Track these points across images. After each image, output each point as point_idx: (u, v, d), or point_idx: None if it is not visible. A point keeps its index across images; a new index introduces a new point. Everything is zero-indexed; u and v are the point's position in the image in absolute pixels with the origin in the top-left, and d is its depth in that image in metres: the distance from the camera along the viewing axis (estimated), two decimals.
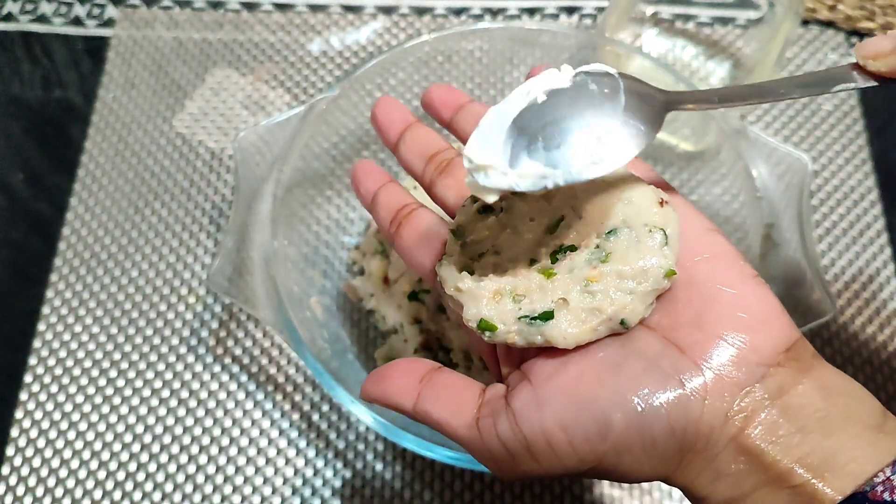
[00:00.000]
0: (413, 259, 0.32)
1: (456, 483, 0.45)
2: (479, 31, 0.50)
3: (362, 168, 0.36)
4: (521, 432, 0.26)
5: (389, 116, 0.36)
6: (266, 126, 0.44)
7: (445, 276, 0.28)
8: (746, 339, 0.25)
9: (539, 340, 0.26)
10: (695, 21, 0.60)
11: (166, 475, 0.45)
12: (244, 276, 0.41)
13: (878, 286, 0.51)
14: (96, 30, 0.60)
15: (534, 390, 0.26)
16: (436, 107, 0.36)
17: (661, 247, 0.26)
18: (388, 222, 0.33)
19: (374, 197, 0.34)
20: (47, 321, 0.49)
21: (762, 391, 0.25)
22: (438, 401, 0.28)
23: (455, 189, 0.32)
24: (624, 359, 0.26)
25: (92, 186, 0.53)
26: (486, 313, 0.27)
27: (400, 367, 0.30)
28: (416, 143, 0.35)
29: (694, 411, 0.24)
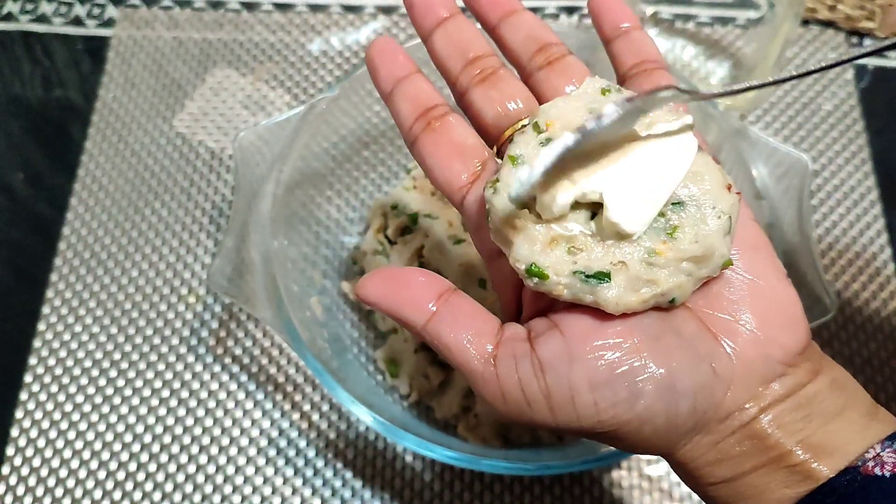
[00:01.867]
0: (439, 171, 0.28)
1: (456, 483, 0.45)
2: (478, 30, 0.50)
3: (382, 48, 0.30)
4: (546, 382, 0.25)
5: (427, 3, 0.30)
6: (266, 126, 0.44)
7: (498, 205, 0.25)
8: (775, 336, 0.26)
9: (588, 299, 0.25)
10: (695, 21, 0.60)
11: (166, 475, 0.45)
12: (244, 276, 0.41)
13: (878, 286, 0.51)
14: (96, 30, 0.60)
15: (566, 344, 0.25)
16: (482, 5, 0.31)
17: (724, 234, 0.25)
18: (412, 119, 0.29)
19: (396, 86, 0.30)
20: (47, 321, 0.49)
21: (780, 386, 0.25)
22: (455, 325, 0.26)
23: (497, 103, 0.29)
24: (662, 333, 0.25)
25: (92, 186, 0.53)
26: (539, 259, 0.25)
27: (415, 276, 0.27)
28: (458, 37, 0.30)
29: (717, 396, 0.25)
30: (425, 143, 0.29)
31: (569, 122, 0.26)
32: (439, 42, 0.30)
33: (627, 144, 0.26)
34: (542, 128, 0.27)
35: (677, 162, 0.26)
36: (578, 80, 0.29)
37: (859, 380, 0.27)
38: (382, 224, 0.49)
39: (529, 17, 0.30)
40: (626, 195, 0.25)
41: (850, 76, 0.58)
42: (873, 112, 0.57)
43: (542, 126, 0.27)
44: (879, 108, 0.57)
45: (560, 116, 0.27)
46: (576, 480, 0.45)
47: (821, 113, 0.57)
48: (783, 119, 0.57)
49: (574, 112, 0.27)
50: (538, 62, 0.30)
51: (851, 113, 0.57)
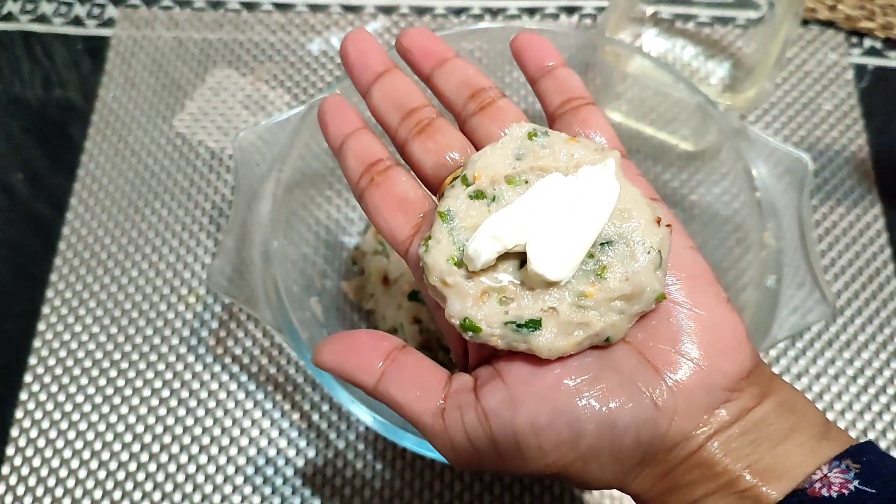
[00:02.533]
0: (384, 224, 0.29)
1: (455, 483, 0.45)
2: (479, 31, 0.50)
3: (332, 105, 0.31)
4: (491, 430, 0.26)
5: (364, 55, 0.31)
6: (266, 126, 0.44)
7: (431, 265, 0.26)
8: (716, 363, 0.26)
9: (522, 347, 0.26)
10: (695, 21, 0.60)
11: (166, 475, 0.45)
12: (244, 276, 0.41)
13: (878, 286, 0.51)
14: (96, 30, 0.60)
15: (508, 391, 0.26)
16: (415, 56, 0.31)
17: (655, 269, 0.26)
18: (357, 174, 0.30)
19: (345, 142, 0.30)
20: (47, 321, 0.49)
21: (725, 413, 0.25)
22: (403, 383, 0.27)
23: (435, 154, 0.29)
24: (601, 371, 0.26)
25: (92, 186, 0.53)
26: (472, 313, 0.26)
27: (363, 340, 0.28)
28: (394, 92, 0.30)
29: (661, 427, 0.25)
30: (371, 198, 0.29)
31: (496, 172, 0.27)
32: (377, 97, 0.31)
33: (551, 190, 0.26)
34: (469, 180, 0.27)
35: (601, 203, 0.26)
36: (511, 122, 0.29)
37: (858, 382, 0.27)
38: None
39: (461, 63, 0.31)
40: (548, 244, 0.26)
41: (850, 76, 0.58)
42: (873, 112, 0.57)
43: (469, 178, 0.27)
44: (879, 108, 0.57)
45: (487, 167, 0.27)
46: None
47: (821, 113, 0.57)
48: (783, 119, 0.57)
49: (501, 161, 0.28)
50: (471, 108, 0.30)
51: (851, 113, 0.57)
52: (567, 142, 0.28)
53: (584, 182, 0.26)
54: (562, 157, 0.27)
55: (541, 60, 0.31)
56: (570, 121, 0.30)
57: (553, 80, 0.31)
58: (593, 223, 0.26)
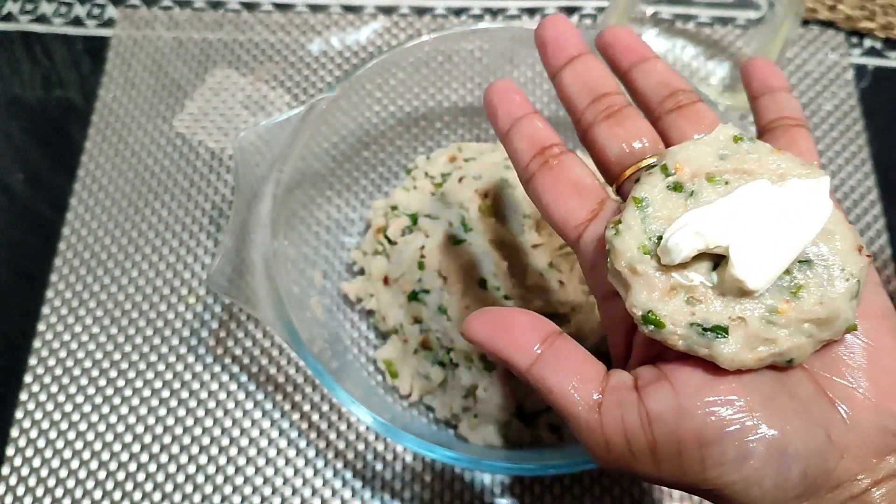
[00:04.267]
0: (556, 207, 0.28)
1: (456, 483, 0.45)
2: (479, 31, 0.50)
3: (500, 89, 0.31)
4: (653, 434, 0.24)
5: (561, 36, 0.31)
6: (266, 126, 0.44)
7: (621, 250, 0.25)
8: (893, 407, 0.25)
9: (703, 353, 0.25)
10: (695, 21, 0.60)
11: (166, 475, 0.45)
12: (244, 276, 0.41)
13: None
14: (96, 30, 0.60)
15: (677, 397, 0.25)
16: (615, 52, 0.31)
17: (851, 297, 0.25)
18: (528, 157, 0.29)
19: (514, 125, 0.30)
20: (47, 321, 0.49)
21: (894, 461, 0.24)
22: (560, 369, 0.26)
23: (622, 140, 0.28)
24: (777, 393, 0.25)
25: (92, 186, 0.53)
26: (657, 307, 0.25)
27: (521, 318, 0.27)
28: (587, 76, 0.30)
29: (830, 464, 0.24)
30: (542, 180, 0.29)
31: (698, 168, 0.26)
32: (567, 78, 0.30)
33: (757, 196, 0.25)
34: (670, 170, 0.26)
35: (808, 220, 0.25)
36: (708, 126, 0.29)
37: None
38: (382, 224, 0.49)
39: (662, 65, 0.31)
40: (751, 251, 0.24)
41: (850, 76, 0.58)
42: (873, 112, 0.57)
43: (670, 169, 0.26)
44: (879, 108, 0.57)
45: (689, 160, 0.26)
46: (576, 480, 0.45)
47: (821, 113, 0.57)
48: None
49: (704, 157, 0.26)
50: (668, 106, 0.30)
51: (851, 113, 0.57)
52: (773, 152, 0.27)
53: (793, 194, 0.25)
54: (769, 166, 0.26)
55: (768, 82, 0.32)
56: (779, 136, 0.30)
57: (772, 99, 0.31)
58: (799, 238, 0.25)
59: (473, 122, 0.55)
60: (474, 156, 0.50)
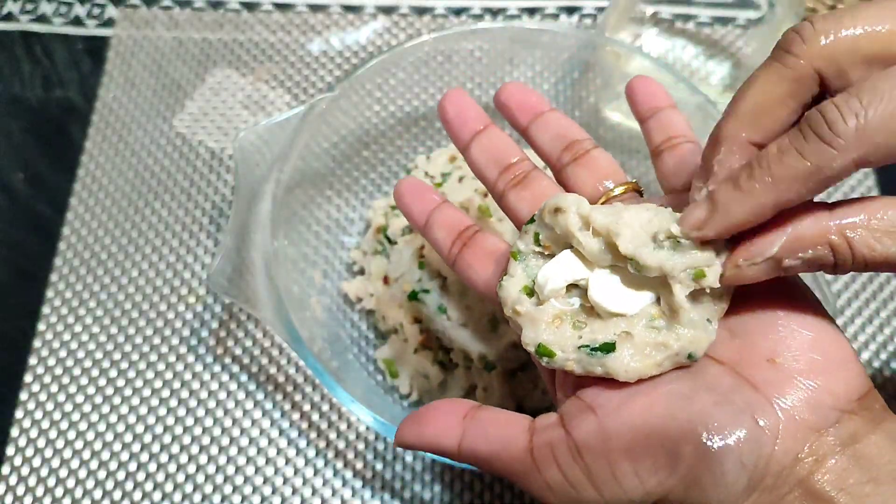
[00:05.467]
0: (477, 277, 0.31)
1: (456, 483, 0.45)
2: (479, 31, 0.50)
3: (409, 187, 0.34)
4: (585, 462, 0.25)
5: (462, 115, 0.34)
6: (266, 126, 0.44)
7: (505, 297, 0.28)
8: (822, 382, 0.25)
9: (599, 371, 0.26)
10: (695, 21, 0.60)
11: (166, 475, 0.45)
12: (244, 276, 0.41)
13: (878, 286, 0.51)
14: (96, 30, 0.60)
15: (598, 420, 0.25)
16: (512, 110, 0.34)
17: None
18: (449, 243, 0.32)
19: (430, 217, 0.33)
20: (47, 321, 0.49)
21: (834, 436, 0.24)
22: (486, 436, 0.27)
23: (529, 202, 0.31)
24: (694, 392, 0.25)
25: (92, 186, 0.53)
26: (545, 338, 0.27)
27: (438, 408, 0.29)
28: (492, 149, 0.33)
29: (766, 448, 0.24)
30: (464, 258, 0.31)
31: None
32: (476, 152, 0.33)
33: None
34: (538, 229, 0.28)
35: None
36: (604, 171, 0.31)
37: None
38: (382, 224, 0.49)
39: (557, 116, 0.33)
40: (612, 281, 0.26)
41: None
42: None
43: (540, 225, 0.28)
44: None
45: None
46: None
47: None
48: None
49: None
50: (565, 159, 0.32)
51: None
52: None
53: None
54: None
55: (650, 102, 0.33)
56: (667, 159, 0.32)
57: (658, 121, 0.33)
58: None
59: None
60: None
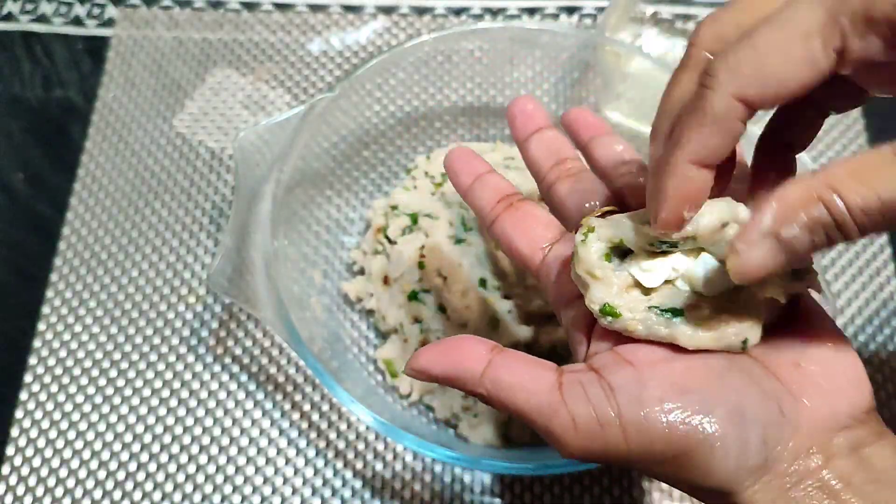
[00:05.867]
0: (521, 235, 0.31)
1: (456, 483, 0.45)
2: (479, 31, 0.50)
3: (461, 152, 0.34)
4: (617, 402, 0.25)
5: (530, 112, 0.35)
6: (266, 126, 0.44)
7: (584, 255, 0.27)
8: (841, 390, 0.26)
9: (663, 333, 0.26)
10: (695, 21, 0.60)
11: (166, 475, 0.45)
12: (244, 276, 0.41)
13: (878, 286, 0.51)
14: (96, 30, 0.60)
15: (636, 371, 0.26)
16: (577, 127, 0.36)
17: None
18: (492, 202, 0.32)
19: (477, 179, 0.33)
20: (47, 321, 0.49)
21: (844, 440, 0.25)
22: (512, 368, 0.27)
23: (580, 195, 0.32)
24: (728, 370, 0.26)
25: (92, 186, 0.53)
26: (613, 300, 0.27)
27: (464, 338, 0.28)
28: (551, 143, 0.34)
29: (786, 434, 0.25)
30: (508, 218, 0.31)
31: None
32: (534, 144, 0.35)
33: None
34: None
35: None
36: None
37: None
38: (382, 224, 0.49)
39: (616, 139, 0.35)
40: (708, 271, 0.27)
41: None
42: (873, 112, 0.57)
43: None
44: (879, 108, 0.57)
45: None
46: (576, 480, 0.45)
47: None
48: None
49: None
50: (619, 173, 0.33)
51: (851, 113, 0.57)
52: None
53: None
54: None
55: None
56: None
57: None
58: None
59: (473, 122, 0.55)
60: None
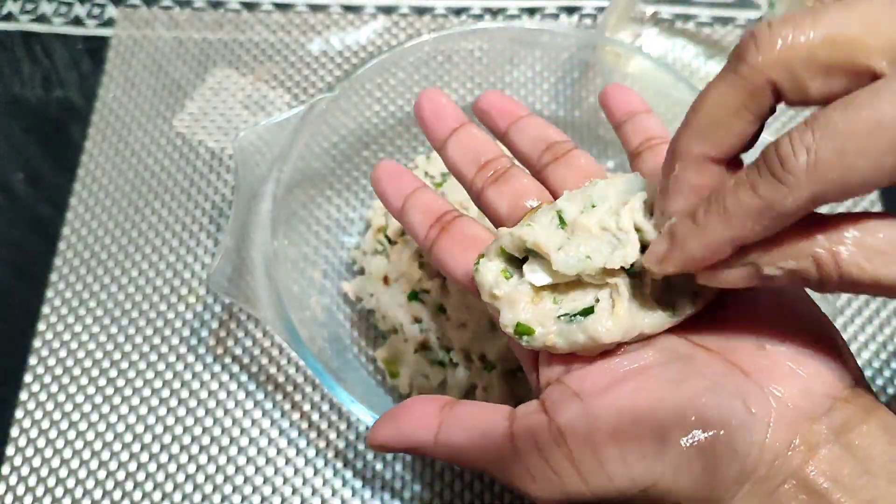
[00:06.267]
0: (456, 263, 0.29)
1: (456, 483, 0.45)
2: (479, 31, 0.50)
3: (386, 170, 0.32)
4: (569, 448, 0.24)
5: (439, 112, 0.33)
6: (266, 126, 0.44)
7: (481, 281, 0.26)
8: (813, 368, 0.24)
9: (581, 339, 0.25)
10: (695, 21, 0.60)
11: (166, 475, 0.45)
12: (244, 276, 0.41)
13: None
14: (96, 30, 0.60)
15: (584, 405, 0.24)
16: (492, 116, 0.34)
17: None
18: (426, 227, 0.31)
19: (407, 201, 0.31)
20: (47, 321, 0.49)
21: (827, 425, 0.23)
22: (464, 426, 0.26)
23: (509, 197, 0.30)
24: (684, 376, 0.24)
25: (92, 186, 0.53)
26: (524, 317, 0.26)
27: (413, 403, 0.28)
28: (469, 146, 0.32)
29: (758, 435, 0.23)
30: (443, 243, 0.30)
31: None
32: (452, 150, 0.32)
33: None
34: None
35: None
36: (585, 170, 0.31)
37: None
38: (382, 224, 0.49)
39: (536, 120, 0.33)
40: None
41: None
42: None
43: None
44: None
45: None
46: None
47: None
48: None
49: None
50: (546, 160, 0.31)
51: None
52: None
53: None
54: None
55: (626, 106, 0.34)
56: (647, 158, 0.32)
57: (634, 124, 0.33)
58: None
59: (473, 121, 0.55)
60: None
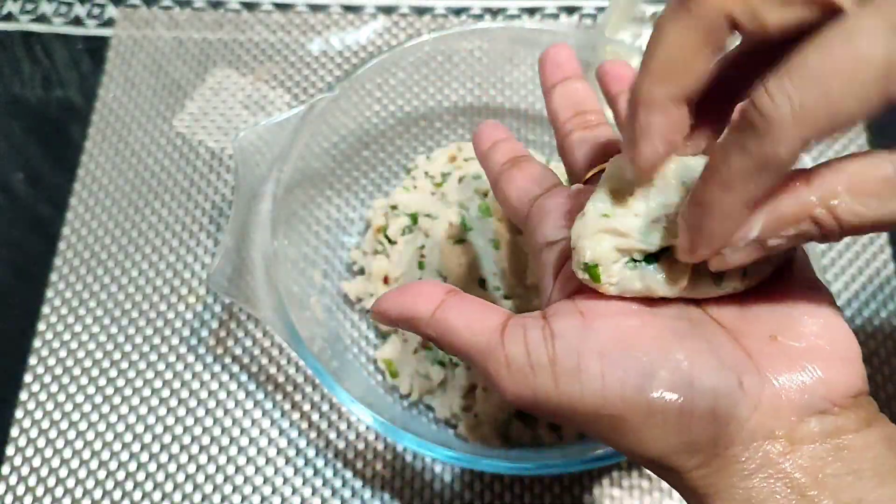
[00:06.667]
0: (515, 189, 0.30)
1: (456, 483, 0.45)
2: (479, 31, 0.50)
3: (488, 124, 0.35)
4: (553, 347, 0.24)
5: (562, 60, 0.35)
6: (266, 126, 0.44)
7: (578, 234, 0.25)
8: (819, 369, 0.23)
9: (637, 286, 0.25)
10: None
11: (166, 475, 0.45)
12: (244, 276, 0.41)
13: (878, 286, 0.51)
14: (96, 30, 0.60)
15: (584, 321, 0.25)
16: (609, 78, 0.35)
17: None
18: (500, 163, 0.32)
19: (495, 144, 0.33)
20: (47, 321, 0.49)
21: (817, 425, 0.23)
22: (462, 309, 0.27)
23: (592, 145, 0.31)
24: (688, 334, 0.24)
25: (92, 186, 0.53)
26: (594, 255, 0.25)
27: (423, 282, 0.28)
28: (574, 94, 0.34)
29: (742, 411, 0.23)
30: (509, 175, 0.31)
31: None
32: (557, 94, 0.34)
33: None
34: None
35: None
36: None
37: None
38: (382, 224, 0.49)
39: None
40: None
41: None
42: None
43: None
44: None
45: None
46: (576, 480, 0.45)
47: None
48: None
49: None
50: None
51: None
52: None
53: None
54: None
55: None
56: None
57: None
58: None
59: (473, 121, 0.55)
60: (474, 155, 0.50)
